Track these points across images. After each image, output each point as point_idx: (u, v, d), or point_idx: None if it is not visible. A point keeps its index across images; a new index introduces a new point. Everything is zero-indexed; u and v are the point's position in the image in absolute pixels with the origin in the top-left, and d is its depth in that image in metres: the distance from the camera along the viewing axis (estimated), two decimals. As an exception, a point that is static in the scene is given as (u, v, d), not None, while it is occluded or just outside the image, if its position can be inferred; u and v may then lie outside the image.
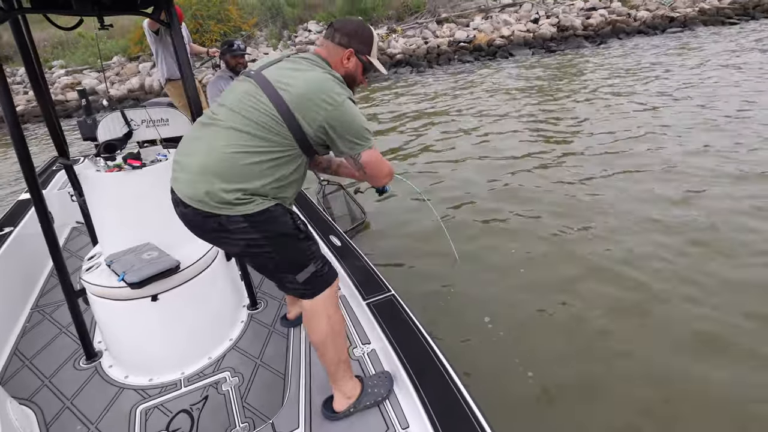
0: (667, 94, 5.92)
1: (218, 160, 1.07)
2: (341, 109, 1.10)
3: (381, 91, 8.44)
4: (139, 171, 1.52)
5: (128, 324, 1.51)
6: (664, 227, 2.84)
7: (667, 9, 12.14)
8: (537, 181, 3.67)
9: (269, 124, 1.08)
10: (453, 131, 5.31)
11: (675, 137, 4.36)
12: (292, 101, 1.08)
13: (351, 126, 1.12)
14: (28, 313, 2.00)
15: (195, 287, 1.54)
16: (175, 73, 3.36)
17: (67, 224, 2.79)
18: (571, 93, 6.58)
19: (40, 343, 1.79)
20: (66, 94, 10.43)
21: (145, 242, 1.55)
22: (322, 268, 1.21)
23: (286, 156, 1.11)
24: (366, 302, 1.58)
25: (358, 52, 1.22)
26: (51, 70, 11.75)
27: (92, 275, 1.48)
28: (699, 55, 8.28)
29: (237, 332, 1.73)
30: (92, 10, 1.44)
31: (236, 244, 1.13)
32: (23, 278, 2.17)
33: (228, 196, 1.06)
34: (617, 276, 2.40)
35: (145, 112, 1.91)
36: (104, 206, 1.56)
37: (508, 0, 13.45)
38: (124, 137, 1.80)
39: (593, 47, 10.72)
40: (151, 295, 1.44)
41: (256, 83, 1.12)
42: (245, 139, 1.07)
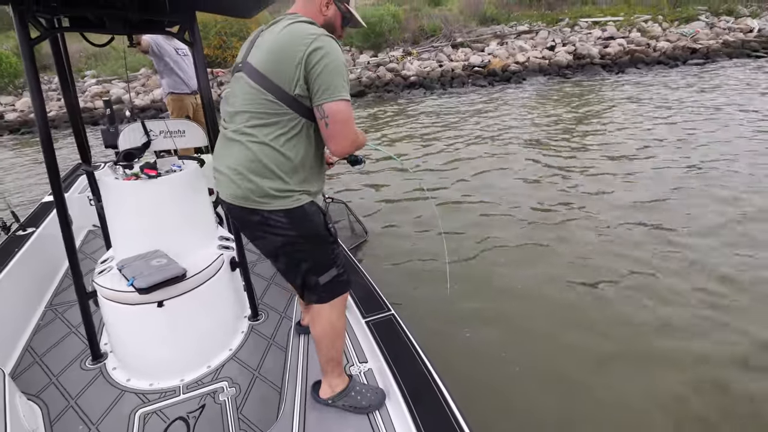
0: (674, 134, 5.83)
1: (247, 160, 1.15)
2: (315, 45, 1.05)
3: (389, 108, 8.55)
4: (155, 180, 1.62)
5: (134, 328, 1.58)
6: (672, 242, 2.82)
7: (688, 40, 12.05)
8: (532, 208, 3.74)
9: (268, 107, 1.11)
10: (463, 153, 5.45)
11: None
12: (267, 66, 1.09)
13: (324, 67, 1.06)
14: (42, 311, 2.11)
15: (200, 295, 1.62)
16: (176, 87, 3.49)
17: (84, 227, 2.95)
18: (580, 121, 6.67)
19: (50, 341, 1.89)
20: (95, 102, 11.22)
21: (155, 249, 1.63)
22: (342, 273, 1.28)
23: (297, 129, 1.14)
24: (365, 320, 1.63)
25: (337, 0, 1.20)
26: (83, 79, 12.74)
27: (104, 278, 1.58)
28: (717, 91, 8.10)
29: (237, 342, 1.79)
30: (123, 29, 1.57)
31: (276, 240, 1.20)
32: (40, 277, 2.30)
33: (266, 188, 1.14)
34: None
35: (163, 123, 2.06)
36: (119, 212, 1.66)
37: (524, 27, 13.63)
38: (142, 146, 1.95)
39: (611, 76, 10.65)
40: (158, 301, 1.52)
41: (245, 74, 1.15)
42: (258, 131, 1.13)
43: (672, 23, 13.49)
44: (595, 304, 2.49)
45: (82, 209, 2.85)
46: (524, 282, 2.71)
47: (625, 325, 2.29)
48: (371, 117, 8.47)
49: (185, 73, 3.47)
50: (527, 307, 2.48)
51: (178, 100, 3.53)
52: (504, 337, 2.24)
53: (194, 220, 1.76)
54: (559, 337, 2.22)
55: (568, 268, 2.83)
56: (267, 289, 2.18)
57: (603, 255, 2.95)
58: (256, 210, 1.16)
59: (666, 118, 6.44)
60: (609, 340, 2.19)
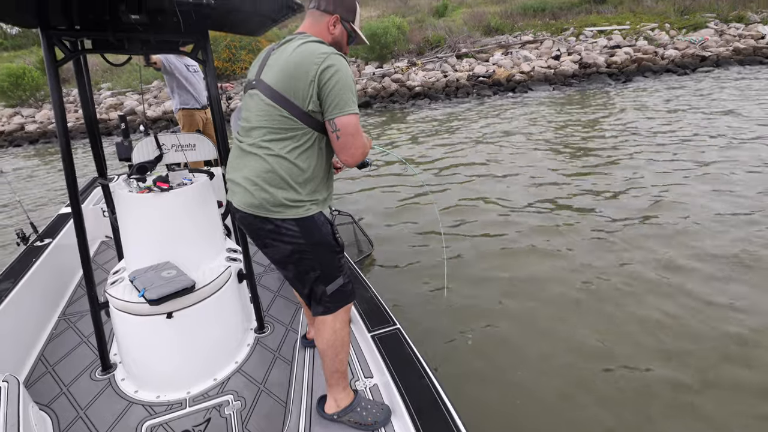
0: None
1: (263, 171, 1.22)
2: (327, 63, 1.14)
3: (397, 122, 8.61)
4: (167, 193, 1.67)
5: (143, 338, 1.62)
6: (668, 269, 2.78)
7: (697, 47, 11.92)
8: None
9: (282, 122, 1.20)
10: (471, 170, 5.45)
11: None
12: (284, 87, 1.18)
13: (335, 83, 1.15)
14: (55, 321, 2.17)
15: (208, 307, 1.65)
16: (187, 103, 3.61)
17: (97, 238, 3.03)
18: (585, 129, 6.65)
19: (62, 351, 1.94)
20: (109, 113, 11.72)
21: (166, 261, 1.67)
22: (348, 283, 1.33)
23: (309, 142, 1.22)
24: (371, 334, 1.64)
25: (343, 19, 1.29)
26: (99, 91, 13.30)
27: (116, 289, 1.63)
28: (727, 98, 7.97)
29: (243, 355, 1.81)
30: (140, 50, 1.67)
31: (285, 248, 1.26)
32: (55, 287, 2.37)
33: (280, 198, 1.21)
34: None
35: (175, 137, 2.14)
36: (133, 224, 1.72)
37: (528, 37, 13.67)
38: (155, 160, 2.03)
39: (618, 84, 10.58)
40: (167, 313, 1.55)
41: (260, 91, 1.24)
42: (273, 145, 1.21)
43: (679, 31, 13.42)
44: (599, 310, 2.47)
45: (96, 220, 2.96)
46: (529, 289, 2.69)
47: (631, 337, 2.26)
48: (377, 126, 8.55)
49: (195, 89, 3.59)
50: (532, 314, 2.46)
51: (189, 115, 3.65)
52: (510, 348, 2.23)
53: (204, 232, 1.80)
54: (565, 348, 2.20)
55: (571, 274, 2.81)
56: (273, 301, 2.20)
57: (608, 262, 2.93)
58: (270, 218, 1.23)
59: (676, 124, 6.39)
60: (614, 346, 2.16)
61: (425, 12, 16.98)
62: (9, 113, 12.43)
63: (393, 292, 2.78)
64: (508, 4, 17.17)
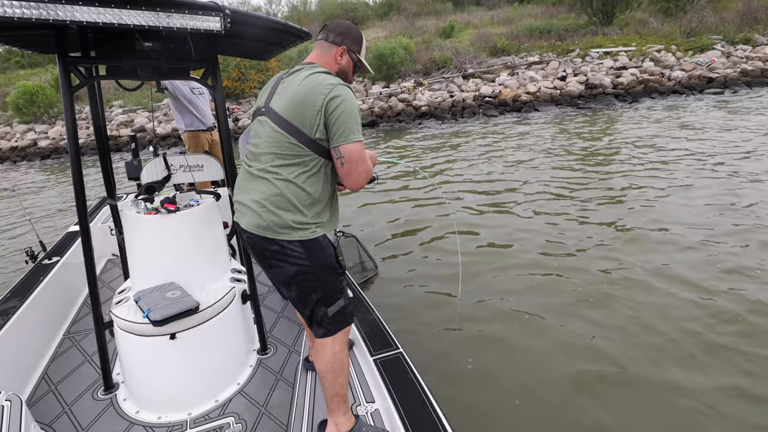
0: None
1: (271, 195, 1.28)
2: (334, 94, 1.21)
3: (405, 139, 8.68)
4: (174, 215, 1.71)
5: (146, 359, 1.63)
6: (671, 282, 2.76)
7: (704, 69, 11.97)
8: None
9: (290, 149, 1.26)
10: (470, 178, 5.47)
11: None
12: (292, 114, 1.24)
13: (341, 113, 1.21)
14: (60, 339, 2.20)
15: (211, 328, 1.67)
16: (192, 125, 3.68)
17: (104, 256, 3.08)
18: (592, 150, 6.67)
19: (66, 370, 1.96)
20: (119, 130, 12.06)
21: (170, 281, 1.70)
22: (348, 305, 1.37)
23: (316, 168, 1.28)
24: (373, 358, 1.65)
25: (350, 50, 1.36)
26: (111, 108, 13.74)
27: (121, 309, 1.65)
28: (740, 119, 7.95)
29: (245, 376, 1.81)
30: (153, 76, 1.73)
31: (290, 269, 1.30)
32: (62, 305, 2.40)
33: (287, 221, 1.26)
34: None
35: (183, 158, 2.20)
36: (139, 245, 1.75)
37: (534, 58, 13.84)
38: (163, 180, 2.07)
39: (624, 105, 10.62)
40: (170, 334, 1.57)
41: (269, 119, 1.30)
42: (281, 170, 1.27)
43: (686, 53, 13.52)
44: (605, 336, 2.43)
45: (103, 239, 3.03)
46: (536, 309, 2.67)
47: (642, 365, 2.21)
48: (383, 142, 8.64)
49: (199, 111, 3.67)
50: (537, 338, 2.44)
51: (194, 137, 3.72)
52: (512, 372, 2.20)
53: (209, 253, 1.83)
54: (569, 371, 2.17)
55: (578, 298, 2.79)
56: (276, 321, 2.21)
57: (618, 286, 2.89)
58: (276, 240, 1.28)
59: (684, 146, 6.39)
60: (621, 371, 2.12)
61: (432, 33, 17.35)
62: (23, 129, 12.76)
63: (396, 311, 2.77)
64: (514, 25, 17.51)
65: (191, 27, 1.35)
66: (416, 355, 1.68)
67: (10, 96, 13.46)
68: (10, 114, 13.63)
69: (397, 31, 17.65)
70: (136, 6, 1.25)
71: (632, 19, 16.74)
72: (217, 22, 1.38)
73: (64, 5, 1.15)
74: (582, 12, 17.25)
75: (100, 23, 1.21)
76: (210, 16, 1.37)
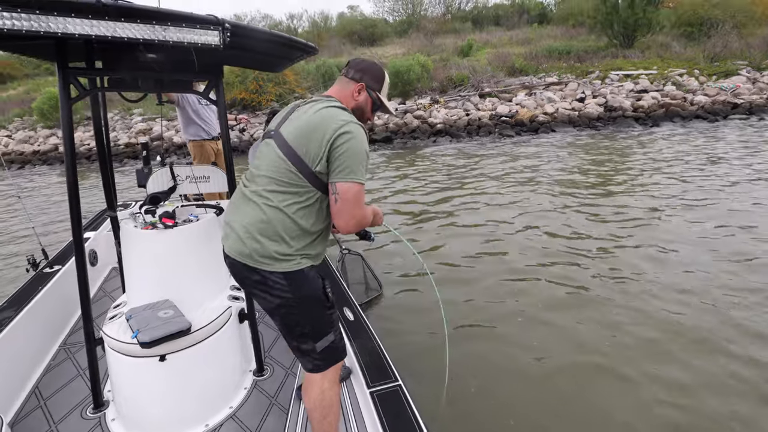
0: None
1: (258, 221, 1.25)
2: (343, 131, 1.20)
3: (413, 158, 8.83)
4: (171, 231, 1.69)
5: (135, 380, 1.61)
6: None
7: (728, 94, 11.95)
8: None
9: (288, 177, 1.24)
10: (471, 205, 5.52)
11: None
12: (296, 142, 1.23)
13: (345, 151, 1.19)
14: (55, 350, 2.18)
15: (204, 349, 1.64)
16: (197, 134, 3.81)
17: (109, 264, 3.12)
18: (610, 175, 6.66)
19: (58, 384, 1.94)
20: (138, 138, 12.55)
21: (165, 299, 1.68)
22: (338, 340, 1.34)
23: (311, 201, 1.26)
24: (370, 391, 1.60)
25: (368, 87, 1.36)
26: (131, 116, 14.34)
27: (111, 327, 1.64)
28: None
29: (238, 400, 1.78)
30: (155, 88, 1.73)
31: (272, 300, 1.28)
32: (60, 315, 2.38)
33: (270, 251, 1.23)
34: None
35: (189, 169, 2.20)
36: (135, 260, 1.74)
37: (552, 78, 14.01)
38: (168, 191, 2.06)
39: (644, 129, 10.65)
40: (160, 355, 1.54)
41: (275, 143, 1.29)
42: (276, 197, 1.25)
43: (709, 77, 13.52)
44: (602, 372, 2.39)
45: (109, 247, 3.04)
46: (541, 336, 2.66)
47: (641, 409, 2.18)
48: (396, 160, 8.78)
49: (204, 121, 3.77)
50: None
51: (199, 146, 3.84)
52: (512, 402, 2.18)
53: (207, 271, 1.80)
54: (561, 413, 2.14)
55: (585, 332, 2.76)
56: (276, 341, 2.19)
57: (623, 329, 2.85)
58: (257, 269, 1.25)
59: (705, 173, 6.34)
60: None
61: (450, 51, 17.71)
62: (46, 134, 13.32)
63: (397, 336, 2.76)
64: (533, 45, 17.76)
65: (188, 41, 1.32)
66: (415, 385, 1.66)
67: (36, 101, 14.12)
68: (35, 119, 14.23)
69: (416, 49, 18.06)
70: (131, 19, 1.23)
71: (654, 42, 16.83)
72: (216, 36, 1.35)
73: (56, 17, 1.13)
74: (602, 34, 17.47)
75: (93, 36, 1.18)
76: (209, 30, 1.34)
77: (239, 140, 11.43)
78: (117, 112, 14.79)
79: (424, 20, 23.59)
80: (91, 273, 2.75)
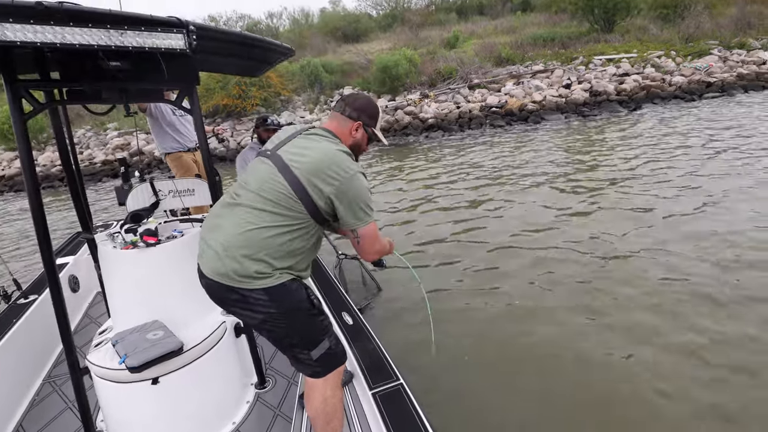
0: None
1: (241, 238, 1.26)
2: (351, 183, 1.29)
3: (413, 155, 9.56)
4: (153, 249, 1.63)
5: (128, 408, 1.56)
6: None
7: (702, 74, 13.01)
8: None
9: (285, 201, 1.28)
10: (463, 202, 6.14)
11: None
12: (304, 176, 1.28)
13: (356, 200, 1.30)
14: (39, 384, 2.11)
15: (199, 368, 1.60)
16: (172, 147, 3.72)
17: (93, 289, 3.01)
18: (599, 159, 7.40)
19: (44, 419, 1.87)
20: (115, 153, 12.36)
21: (154, 320, 1.64)
22: (336, 346, 1.39)
23: (303, 228, 1.31)
24: (372, 392, 1.62)
25: (365, 125, 1.46)
26: (105, 131, 14.02)
27: (96, 355, 1.57)
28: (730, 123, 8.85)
29: (241, 414, 1.76)
30: (120, 99, 1.60)
31: (255, 317, 1.30)
32: (40, 347, 2.25)
33: (250, 271, 1.24)
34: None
35: (172, 182, 2.15)
36: (117, 283, 1.67)
37: (539, 66, 14.89)
38: (150, 207, 1.99)
39: (628, 112, 11.59)
40: (152, 378, 1.50)
41: (273, 164, 1.32)
42: (265, 216, 1.27)
43: (685, 58, 14.58)
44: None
45: (90, 271, 2.80)
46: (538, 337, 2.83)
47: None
48: (390, 160, 9.38)
49: (179, 132, 3.68)
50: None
51: (177, 158, 3.76)
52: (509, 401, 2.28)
53: (197, 287, 1.68)
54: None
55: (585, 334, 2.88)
56: (276, 352, 2.15)
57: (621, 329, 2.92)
58: (235, 288, 1.26)
59: (688, 152, 7.09)
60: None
61: (436, 44, 18.40)
62: (10, 157, 12.14)
63: (395, 338, 2.80)
64: (518, 34, 18.56)
65: (150, 46, 1.24)
66: (417, 385, 1.66)
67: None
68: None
69: (401, 43, 18.67)
70: (81, 23, 1.13)
71: (632, 26, 17.86)
72: (180, 40, 1.28)
73: None
74: (584, 20, 18.44)
75: (38, 43, 1.10)
76: (171, 33, 1.27)
77: (226, 149, 11.09)
78: (89, 128, 14.20)
79: (409, 13, 24.15)
80: (74, 300, 2.75)
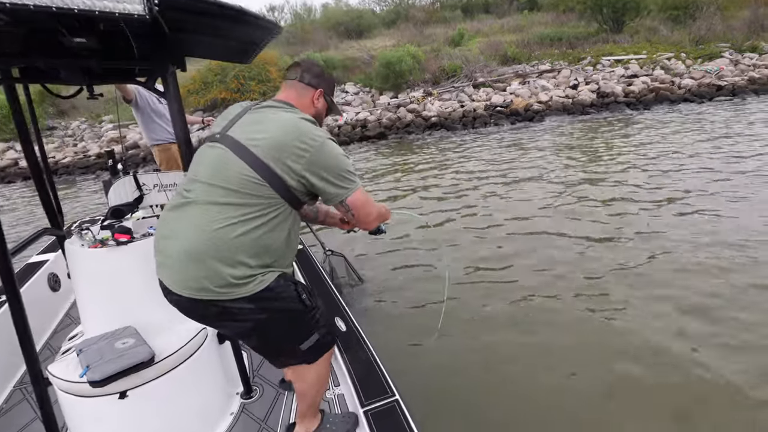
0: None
1: (206, 240, 1.10)
2: (321, 151, 1.16)
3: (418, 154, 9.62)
4: (124, 248, 1.53)
5: (93, 424, 1.46)
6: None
7: (713, 77, 13.08)
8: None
9: (250, 188, 1.12)
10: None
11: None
12: (267, 154, 1.12)
13: (333, 169, 1.18)
14: (9, 391, 2.01)
15: (175, 380, 1.49)
16: (161, 137, 3.58)
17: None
18: (607, 160, 7.45)
19: (12, 428, 1.79)
20: (111, 146, 12.41)
21: (127, 325, 1.54)
22: (325, 335, 1.32)
23: (277, 216, 1.16)
24: (364, 410, 1.53)
25: (326, 93, 1.38)
26: (101, 124, 14.14)
27: (59, 365, 1.47)
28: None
29: (224, 427, 1.68)
30: (82, 80, 1.48)
31: (242, 326, 1.18)
32: (12, 352, 2.12)
33: (228, 278, 1.10)
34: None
35: (156, 176, 2.06)
36: (86, 284, 1.57)
37: (545, 66, 14.97)
38: (134, 202, 1.92)
39: (636, 114, 11.66)
40: (119, 392, 1.39)
41: (226, 147, 1.16)
42: (229, 210, 1.11)
43: (695, 60, 14.65)
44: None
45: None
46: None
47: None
48: (392, 157, 9.44)
49: (168, 120, 3.46)
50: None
51: (165, 150, 3.63)
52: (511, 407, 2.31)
53: None
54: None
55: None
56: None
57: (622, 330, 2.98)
58: (213, 301, 1.12)
59: (697, 155, 7.13)
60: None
61: (441, 41, 18.48)
62: (2, 148, 12.11)
63: (389, 343, 2.79)
64: (524, 33, 18.64)
65: (101, 9, 1.11)
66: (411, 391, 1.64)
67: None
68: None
69: (405, 40, 18.73)
70: None
71: (642, 26, 17.96)
72: (139, 4, 1.15)
73: None
74: (592, 19, 18.54)
75: None
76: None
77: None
78: (84, 119, 14.20)
79: (413, 9, 24.24)
80: (54, 299, 2.67)
